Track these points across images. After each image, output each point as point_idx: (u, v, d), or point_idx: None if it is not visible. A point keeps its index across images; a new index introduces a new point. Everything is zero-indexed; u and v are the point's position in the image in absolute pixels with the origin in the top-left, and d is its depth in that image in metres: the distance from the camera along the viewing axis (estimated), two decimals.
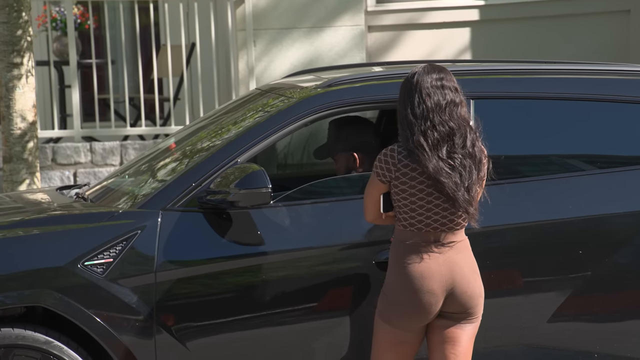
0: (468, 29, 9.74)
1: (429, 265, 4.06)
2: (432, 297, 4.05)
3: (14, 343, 4.31)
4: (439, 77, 4.11)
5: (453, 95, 4.10)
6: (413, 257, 4.07)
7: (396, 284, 4.09)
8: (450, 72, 4.17)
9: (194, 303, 4.42)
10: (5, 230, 4.50)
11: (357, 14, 9.46)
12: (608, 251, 4.63)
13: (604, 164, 4.77)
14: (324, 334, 4.48)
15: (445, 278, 4.07)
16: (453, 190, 4.03)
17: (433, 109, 4.07)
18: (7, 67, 7.05)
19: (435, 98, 4.08)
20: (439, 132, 4.05)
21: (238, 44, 9.34)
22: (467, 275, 4.10)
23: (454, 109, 4.09)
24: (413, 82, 4.12)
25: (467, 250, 4.16)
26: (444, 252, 4.08)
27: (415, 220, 4.08)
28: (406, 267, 4.07)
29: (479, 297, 4.14)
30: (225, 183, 4.41)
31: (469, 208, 4.06)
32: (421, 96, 4.08)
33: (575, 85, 4.86)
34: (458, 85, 4.16)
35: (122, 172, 5.23)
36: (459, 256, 4.11)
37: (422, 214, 4.07)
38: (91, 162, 8.72)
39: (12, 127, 7.07)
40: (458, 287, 4.08)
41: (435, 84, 4.10)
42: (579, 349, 4.62)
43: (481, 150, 4.14)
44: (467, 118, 4.14)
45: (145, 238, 4.41)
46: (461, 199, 4.04)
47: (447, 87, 4.11)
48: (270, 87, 5.25)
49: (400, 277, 4.08)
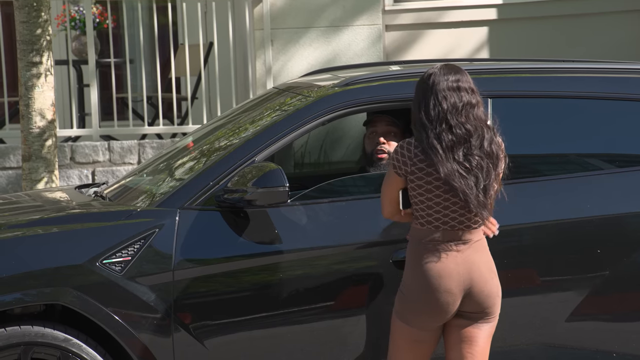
0: (485, 28, 9.72)
1: (446, 264, 4.05)
2: (449, 296, 4.05)
3: (33, 340, 4.33)
4: (456, 78, 4.08)
5: (469, 97, 4.08)
6: (430, 256, 4.06)
7: (414, 283, 4.08)
8: (466, 73, 4.14)
9: (211, 301, 4.43)
10: (25, 228, 4.52)
11: (375, 13, 9.45)
12: (627, 250, 4.61)
13: (623, 163, 4.76)
14: (341, 332, 4.48)
15: (463, 277, 4.06)
16: (466, 194, 4.01)
17: (450, 110, 4.04)
18: (26, 66, 7.08)
19: (451, 100, 4.05)
20: (456, 134, 4.03)
21: (256, 43, 9.36)
22: (484, 274, 4.09)
23: (471, 110, 4.07)
24: (429, 83, 4.09)
25: (485, 249, 4.15)
26: (462, 251, 4.07)
27: (432, 217, 4.07)
28: (423, 266, 4.06)
29: (496, 297, 4.12)
30: (243, 182, 4.41)
31: (482, 211, 4.04)
32: (437, 98, 4.05)
33: (593, 84, 4.85)
34: (474, 86, 4.13)
35: (140, 170, 5.25)
36: (477, 255, 4.09)
37: (439, 212, 4.06)
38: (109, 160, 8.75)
39: (31, 125, 7.10)
40: (476, 286, 4.07)
41: (452, 86, 4.07)
42: (598, 348, 4.61)
43: (499, 146, 4.12)
44: (484, 118, 4.12)
45: (163, 236, 4.42)
46: (474, 202, 4.02)
47: (463, 88, 4.08)
48: (287, 86, 5.25)
49: (418, 276, 4.07)
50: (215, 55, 9.14)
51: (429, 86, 4.08)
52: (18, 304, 4.35)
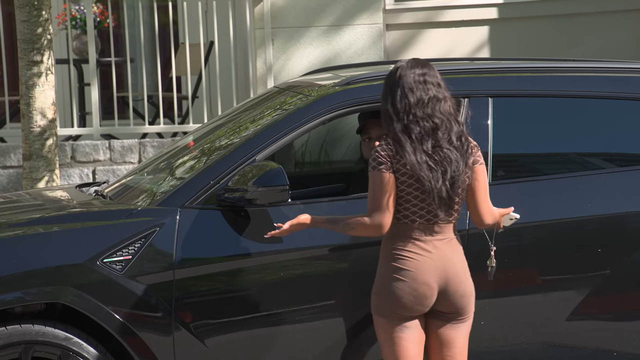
0: (486, 27, 9.72)
1: (424, 258, 4.05)
2: (427, 289, 4.04)
3: (34, 339, 4.33)
4: (422, 72, 4.09)
5: (436, 91, 4.08)
6: (407, 250, 4.06)
7: (389, 275, 4.07)
8: (434, 68, 4.15)
9: (212, 300, 4.43)
10: (25, 227, 4.52)
11: (375, 12, 9.45)
12: (627, 250, 4.61)
13: (624, 162, 4.76)
14: (342, 331, 4.48)
15: (439, 274, 4.06)
16: (431, 187, 4.00)
17: (416, 104, 4.05)
18: (27, 65, 7.08)
19: (418, 93, 4.06)
20: (423, 126, 4.04)
21: (256, 42, 9.35)
22: (459, 273, 4.09)
23: (437, 104, 4.07)
24: (396, 76, 4.10)
25: (459, 248, 4.14)
26: (439, 247, 4.06)
27: (408, 212, 4.06)
28: (400, 259, 4.05)
29: (470, 296, 4.13)
30: (243, 181, 4.42)
31: (442, 207, 4.02)
32: (404, 91, 4.07)
33: (594, 84, 4.85)
34: (442, 81, 4.13)
35: (141, 169, 5.25)
36: (453, 253, 4.09)
37: (416, 205, 4.05)
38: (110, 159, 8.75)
39: (32, 124, 7.10)
40: (451, 285, 4.07)
41: (418, 79, 4.08)
42: (598, 347, 4.61)
43: (468, 141, 4.10)
44: (453, 113, 4.11)
45: (164, 235, 4.43)
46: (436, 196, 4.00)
47: (429, 82, 4.09)
48: (288, 85, 5.25)
49: (394, 268, 4.06)
50: (216, 54, 9.14)
51: (396, 79, 4.10)
52: (19, 302, 4.36)
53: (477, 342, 4.50)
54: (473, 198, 4.12)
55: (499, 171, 4.62)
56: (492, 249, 4.24)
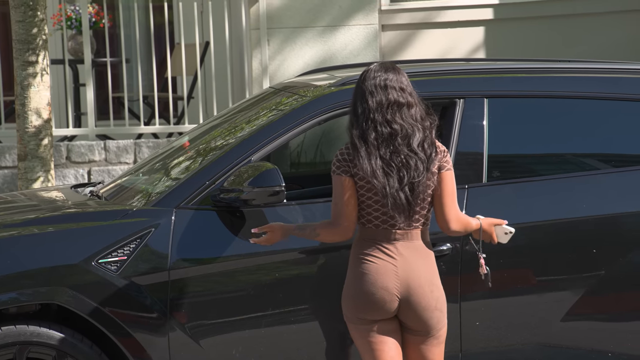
0: (482, 27, 9.72)
1: (385, 263, 4.02)
2: (386, 294, 4.01)
3: (28, 340, 4.33)
4: (385, 77, 4.05)
5: (397, 96, 4.04)
6: (370, 254, 4.04)
7: (353, 279, 4.06)
8: (401, 72, 4.09)
9: (207, 301, 4.43)
10: (20, 227, 4.52)
11: (371, 12, 9.45)
12: (622, 250, 4.62)
13: (618, 163, 4.76)
14: (337, 332, 4.48)
15: (400, 280, 4.01)
16: (385, 193, 3.97)
17: (375, 108, 4.02)
18: (22, 65, 7.07)
19: (377, 98, 4.03)
20: (380, 132, 4.00)
21: (252, 42, 9.36)
22: (422, 285, 4.03)
23: (398, 109, 4.02)
24: (360, 80, 4.08)
25: (427, 256, 4.08)
26: (402, 253, 4.03)
27: (372, 216, 4.05)
28: (363, 263, 4.04)
29: (434, 310, 4.05)
30: (239, 181, 4.42)
31: (399, 212, 3.98)
32: (364, 96, 4.04)
33: (589, 84, 4.85)
34: (408, 86, 4.07)
35: (136, 170, 5.25)
36: (418, 263, 4.05)
37: (377, 210, 4.03)
38: (105, 160, 8.75)
39: (27, 125, 7.09)
40: (413, 296, 4.02)
41: (379, 84, 4.04)
42: (593, 347, 4.61)
43: (432, 145, 4.04)
44: (418, 118, 4.05)
45: (159, 236, 4.42)
46: (391, 201, 3.96)
47: (391, 87, 4.04)
48: (283, 86, 5.25)
49: (357, 272, 4.05)
50: (212, 54, 9.14)
51: (360, 83, 4.08)
52: (13, 303, 4.35)
53: (472, 343, 4.50)
54: (438, 203, 4.07)
55: (495, 172, 4.62)
56: (481, 257, 4.22)
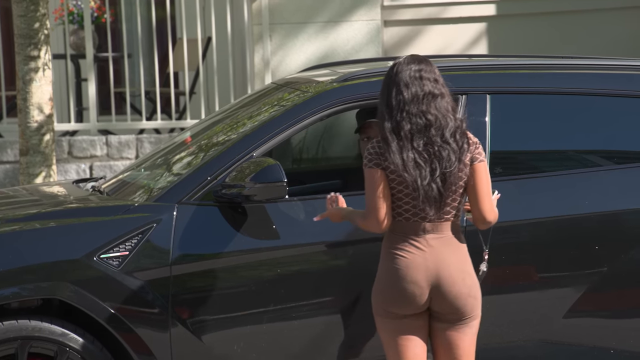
0: (484, 24, 9.72)
1: (414, 256, 4.03)
2: (416, 288, 4.01)
3: (30, 335, 4.33)
4: (419, 68, 4.06)
5: (432, 87, 4.05)
6: (400, 248, 4.04)
7: (384, 273, 4.07)
8: (432, 64, 4.11)
9: (209, 296, 4.43)
10: (22, 222, 4.52)
11: (373, 8, 9.45)
12: (624, 247, 4.61)
13: (622, 160, 4.76)
14: (339, 328, 4.48)
15: (430, 272, 4.02)
16: (416, 185, 3.97)
17: (410, 100, 4.03)
18: (24, 60, 7.07)
19: (413, 89, 4.04)
20: (415, 123, 4.01)
21: (254, 38, 9.35)
22: (453, 274, 4.04)
23: (433, 100, 4.04)
24: (393, 73, 4.08)
25: (458, 247, 4.08)
26: (432, 245, 4.03)
27: (402, 209, 4.04)
28: (393, 258, 4.04)
29: (467, 297, 4.05)
30: (241, 177, 4.41)
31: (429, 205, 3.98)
32: (399, 87, 4.04)
33: (592, 81, 4.85)
34: (440, 77, 4.10)
35: (138, 165, 5.24)
36: (448, 253, 4.05)
37: (408, 202, 4.03)
38: (107, 155, 8.74)
39: (29, 119, 7.09)
40: (443, 285, 4.03)
41: (414, 75, 4.05)
42: (595, 344, 4.61)
43: (464, 136, 4.05)
44: (450, 109, 4.07)
45: (161, 231, 4.42)
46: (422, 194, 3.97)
47: (426, 77, 4.05)
48: (285, 81, 5.25)
49: (388, 267, 4.05)
50: (214, 49, 9.13)
51: (393, 76, 4.08)
52: (15, 298, 4.35)
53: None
54: (472, 196, 4.10)
55: (497, 168, 4.62)
56: (486, 253, 4.21)
